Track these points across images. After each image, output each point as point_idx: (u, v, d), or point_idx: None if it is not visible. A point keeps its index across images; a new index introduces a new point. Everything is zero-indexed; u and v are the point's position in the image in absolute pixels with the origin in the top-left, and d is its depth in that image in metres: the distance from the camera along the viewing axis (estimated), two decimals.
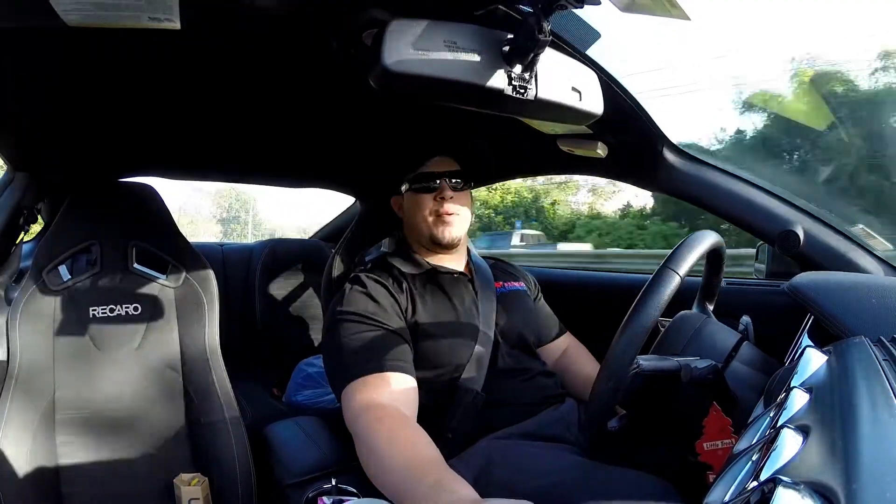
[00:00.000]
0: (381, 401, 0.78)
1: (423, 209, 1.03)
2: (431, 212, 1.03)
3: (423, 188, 1.04)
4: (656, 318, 0.70)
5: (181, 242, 1.17)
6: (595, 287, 1.56)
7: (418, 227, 1.05)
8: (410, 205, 1.06)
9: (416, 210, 1.04)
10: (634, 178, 1.12)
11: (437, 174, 1.03)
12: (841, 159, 9.13)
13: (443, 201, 1.02)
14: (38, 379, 1.00)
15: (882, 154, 8.99)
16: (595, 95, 0.65)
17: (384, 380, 0.82)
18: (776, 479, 0.32)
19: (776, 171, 10.17)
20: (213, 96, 0.97)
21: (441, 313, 0.98)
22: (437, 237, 1.02)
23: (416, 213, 1.04)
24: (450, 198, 1.02)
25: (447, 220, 1.02)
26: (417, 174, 1.04)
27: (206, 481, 1.04)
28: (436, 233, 1.02)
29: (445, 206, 1.02)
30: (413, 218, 1.05)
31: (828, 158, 10.01)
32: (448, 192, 1.03)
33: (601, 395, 0.73)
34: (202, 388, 1.10)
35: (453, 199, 1.03)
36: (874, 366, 0.50)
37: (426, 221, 1.03)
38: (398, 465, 0.69)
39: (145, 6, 0.58)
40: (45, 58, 0.75)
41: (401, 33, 0.53)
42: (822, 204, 0.96)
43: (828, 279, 0.81)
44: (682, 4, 0.55)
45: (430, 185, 1.03)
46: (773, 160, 11.90)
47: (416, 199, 1.04)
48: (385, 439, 0.73)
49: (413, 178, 1.05)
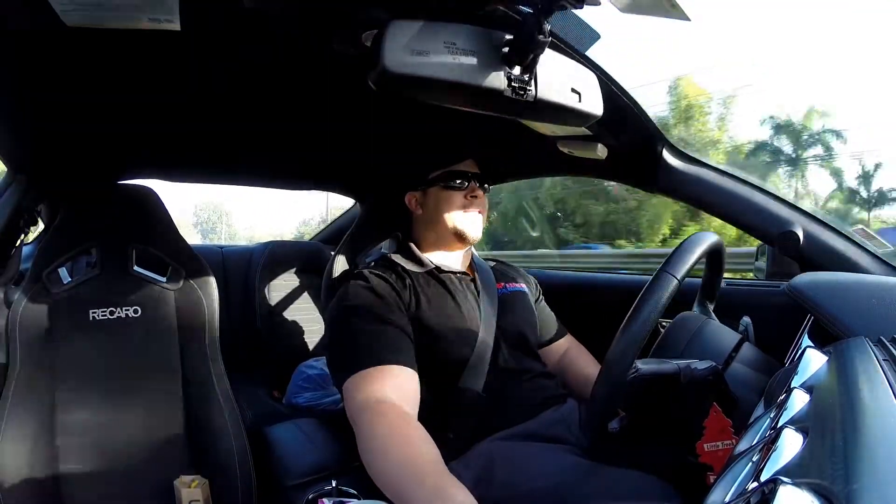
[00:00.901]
0: (383, 395, 0.79)
1: (454, 205, 1.06)
2: (461, 207, 1.06)
3: (455, 185, 1.06)
4: (654, 322, 0.70)
5: (181, 245, 1.17)
6: (595, 289, 1.56)
7: (444, 222, 1.06)
8: (438, 200, 1.07)
9: (444, 205, 1.06)
10: (634, 179, 1.12)
11: (470, 174, 1.07)
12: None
13: (474, 199, 1.06)
14: (38, 381, 1.00)
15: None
16: (594, 97, 0.65)
17: (387, 373, 0.82)
18: (777, 480, 0.31)
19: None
20: (213, 98, 0.97)
21: (443, 312, 0.98)
22: (463, 233, 1.06)
23: (445, 208, 1.06)
24: (479, 196, 1.07)
25: (475, 219, 1.07)
26: (450, 171, 1.07)
27: (207, 483, 1.04)
28: (464, 228, 1.06)
29: (476, 203, 1.07)
30: (439, 213, 1.07)
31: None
32: (479, 191, 1.07)
33: (601, 396, 0.73)
34: (202, 390, 1.10)
35: (480, 199, 1.08)
36: (874, 366, 0.50)
37: (455, 217, 1.06)
38: (397, 463, 0.69)
39: (145, 7, 0.58)
40: (44, 59, 0.75)
41: (400, 34, 0.53)
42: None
43: (828, 279, 0.81)
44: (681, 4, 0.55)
45: (462, 182, 1.06)
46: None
47: (447, 195, 1.06)
48: (385, 435, 0.73)
49: (444, 174, 1.07)
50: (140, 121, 1.04)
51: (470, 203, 1.06)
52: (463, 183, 1.06)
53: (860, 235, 0.96)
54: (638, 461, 0.79)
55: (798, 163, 19.70)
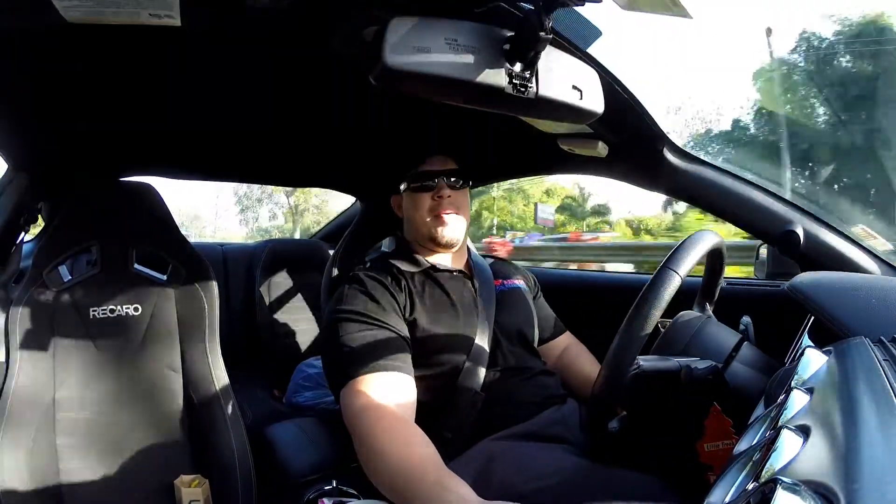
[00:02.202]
0: (379, 401, 0.79)
1: (421, 208, 1.03)
2: (429, 211, 1.03)
3: (420, 187, 1.03)
4: (656, 318, 0.70)
5: (182, 243, 1.17)
6: (595, 287, 1.56)
7: (417, 227, 1.05)
8: (409, 204, 1.06)
9: (414, 209, 1.04)
10: (635, 177, 1.12)
11: (435, 173, 1.03)
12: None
13: (440, 200, 1.02)
14: (38, 379, 1.00)
15: None
16: (596, 94, 0.65)
17: (382, 380, 0.82)
18: (776, 480, 0.31)
19: None
20: (213, 95, 0.97)
21: (440, 311, 0.98)
22: (435, 237, 1.03)
23: (414, 213, 1.04)
24: (447, 197, 1.02)
25: (444, 220, 1.02)
26: (415, 173, 1.04)
27: (207, 482, 1.04)
28: (434, 232, 1.02)
29: (443, 205, 1.02)
30: (411, 217, 1.05)
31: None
32: (446, 190, 1.02)
33: (601, 395, 0.73)
34: (202, 389, 1.10)
35: (451, 198, 1.03)
36: (874, 366, 0.50)
37: (424, 221, 1.03)
38: (396, 464, 0.70)
39: (145, 3, 0.58)
40: (45, 56, 0.75)
41: (402, 31, 0.53)
42: None
43: (828, 279, 0.81)
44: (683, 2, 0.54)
45: (428, 183, 1.03)
46: None
47: (414, 198, 1.04)
48: (383, 439, 0.73)
49: (411, 176, 1.05)
50: (140, 118, 1.04)
51: (437, 205, 1.02)
52: (428, 184, 1.03)
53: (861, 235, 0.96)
54: (638, 461, 0.79)
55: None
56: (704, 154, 6.31)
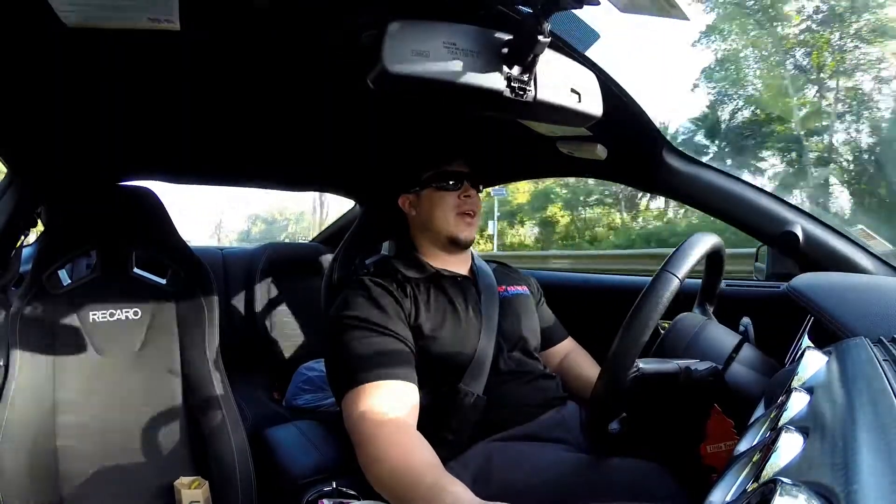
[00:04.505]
0: (381, 408, 0.79)
1: (446, 207, 1.03)
2: (454, 209, 1.03)
3: (447, 186, 1.04)
4: (656, 321, 0.70)
5: (181, 246, 1.17)
6: (596, 290, 1.56)
7: (437, 225, 1.04)
8: (430, 202, 1.05)
9: (436, 207, 1.04)
10: (634, 180, 1.12)
11: (463, 174, 1.05)
12: None
13: (467, 199, 1.04)
14: (38, 383, 1.00)
15: None
16: (594, 97, 0.65)
17: (385, 388, 0.82)
18: (776, 481, 0.31)
19: None
20: (213, 99, 0.97)
21: (444, 317, 0.98)
22: (457, 236, 1.04)
23: (436, 211, 1.04)
24: (473, 197, 1.05)
25: (469, 221, 1.04)
26: (442, 172, 1.04)
27: (207, 484, 1.04)
28: (455, 231, 1.03)
29: (469, 204, 1.04)
30: (432, 216, 1.05)
31: None
32: (472, 190, 1.05)
33: (602, 397, 0.73)
34: (202, 391, 1.10)
35: (473, 199, 1.05)
36: (874, 366, 0.50)
37: (447, 219, 1.03)
38: (396, 469, 0.70)
39: (145, 6, 0.58)
40: (44, 60, 0.75)
41: (400, 34, 0.53)
42: None
43: (828, 280, 0.81)
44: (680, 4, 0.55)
45: (454, 183, 1.04)
46: None
47: (439, 196, 1.04)
48: (384, 445, 0.74)
49: (436, 175, 1.05)
50: (139, 122, 1.04)
51: (463, 203, 1.04)
52: (456, 184, 1.04)
53: (860, 235, 0.96)
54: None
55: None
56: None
